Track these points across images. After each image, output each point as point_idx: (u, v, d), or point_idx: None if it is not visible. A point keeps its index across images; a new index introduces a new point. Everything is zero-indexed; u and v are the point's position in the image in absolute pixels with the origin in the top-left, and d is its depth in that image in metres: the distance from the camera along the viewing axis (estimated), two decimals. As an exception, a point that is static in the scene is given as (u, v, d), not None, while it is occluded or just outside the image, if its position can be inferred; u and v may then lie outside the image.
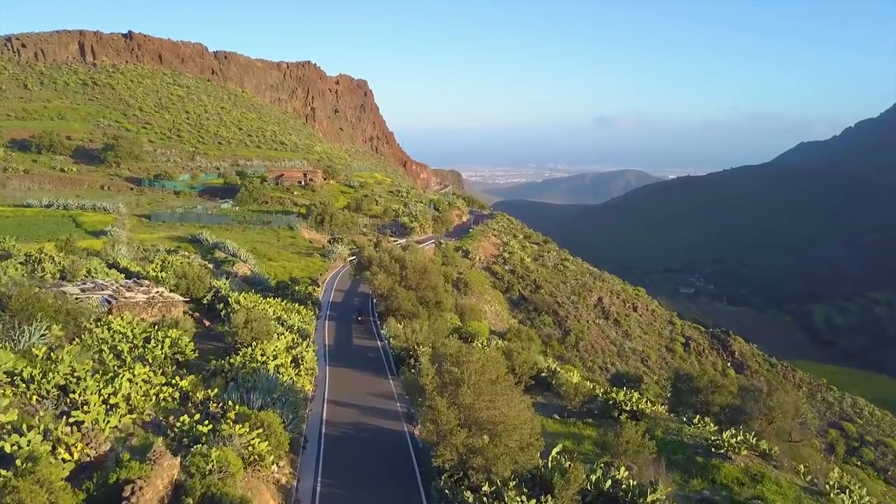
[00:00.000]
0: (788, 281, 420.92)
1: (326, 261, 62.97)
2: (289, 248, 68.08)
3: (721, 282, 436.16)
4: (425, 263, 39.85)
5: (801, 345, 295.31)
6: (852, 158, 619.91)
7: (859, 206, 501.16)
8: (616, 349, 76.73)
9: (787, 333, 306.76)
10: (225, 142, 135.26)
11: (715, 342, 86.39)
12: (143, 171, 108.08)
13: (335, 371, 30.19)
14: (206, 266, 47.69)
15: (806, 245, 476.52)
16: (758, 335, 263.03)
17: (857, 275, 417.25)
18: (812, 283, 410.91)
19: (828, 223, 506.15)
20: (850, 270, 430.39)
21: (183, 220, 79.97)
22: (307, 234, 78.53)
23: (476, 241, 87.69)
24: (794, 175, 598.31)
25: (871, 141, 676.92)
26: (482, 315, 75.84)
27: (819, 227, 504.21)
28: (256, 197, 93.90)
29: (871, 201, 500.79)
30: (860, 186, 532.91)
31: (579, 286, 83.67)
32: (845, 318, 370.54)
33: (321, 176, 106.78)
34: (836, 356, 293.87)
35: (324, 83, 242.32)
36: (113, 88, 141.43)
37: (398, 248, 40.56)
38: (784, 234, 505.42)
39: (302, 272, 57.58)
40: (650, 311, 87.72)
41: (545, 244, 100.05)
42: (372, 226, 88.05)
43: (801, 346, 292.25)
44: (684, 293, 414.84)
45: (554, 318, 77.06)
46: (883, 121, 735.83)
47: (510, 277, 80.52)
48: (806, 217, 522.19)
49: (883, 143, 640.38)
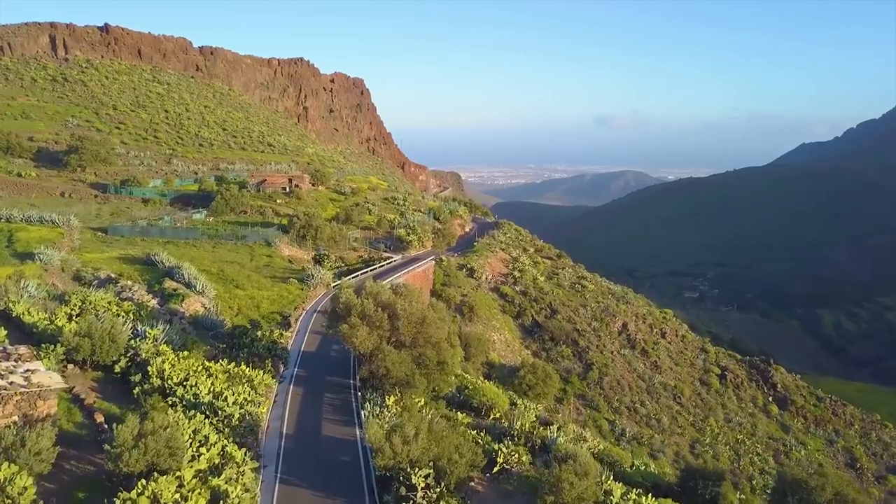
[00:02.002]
0: (794, 285, 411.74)
1: (305, 287, 52.39)
2: (262, 271, 57.47)
3: (726, 286, 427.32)
4: (423, 311, 29.27)
5: (815, 354, 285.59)
6: (856, 159, 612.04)
7: (864, 207, 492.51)
8: (645, 385, 66.28)
9: (799, 342, 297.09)
10: (206, 143, 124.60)
11: (753, 372, 75.95)
12: (111, 176, 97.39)
13: (287, 497, 19.83)
14: (142, 306, 37.05)
15: (811, 247, 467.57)
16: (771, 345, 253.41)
17: (865, 278, 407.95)
18: (819, 287, 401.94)
19: (833, 225, 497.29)
20: (857, 274, 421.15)
21: (144, 234, 69.39)
22: (287, 251, 67.97)
23: (482, 256, 77.19)
24: (797, 176, 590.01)
25: (874, 142, 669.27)
26: (490, 346, 65.38)
27: (824, 228, 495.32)
28: (234, 206, 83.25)
29: (876, 203, 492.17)
30: (865, 188, 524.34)
31: (601, 310, 73.13)
32: (855, 323, 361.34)
33: (308, 182, 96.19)
34: (848, 365, 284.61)
35: (317, 81, 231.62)
36: (85, 85, 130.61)
37: (386, 291, 29.94)
38: (788, 236, 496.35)
39: (272, 305, 47.00)
40: (680, 336, 77.24)
41: (559, 259, 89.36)
42: (364, 239, 77.49)
43: (815, 355, 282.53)
44: (688, 298, 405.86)
45: (573, 348, 66.61)
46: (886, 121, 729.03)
47: (522, 300, 70.06)
48: (810, 219, 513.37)
49: (887, 144, 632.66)
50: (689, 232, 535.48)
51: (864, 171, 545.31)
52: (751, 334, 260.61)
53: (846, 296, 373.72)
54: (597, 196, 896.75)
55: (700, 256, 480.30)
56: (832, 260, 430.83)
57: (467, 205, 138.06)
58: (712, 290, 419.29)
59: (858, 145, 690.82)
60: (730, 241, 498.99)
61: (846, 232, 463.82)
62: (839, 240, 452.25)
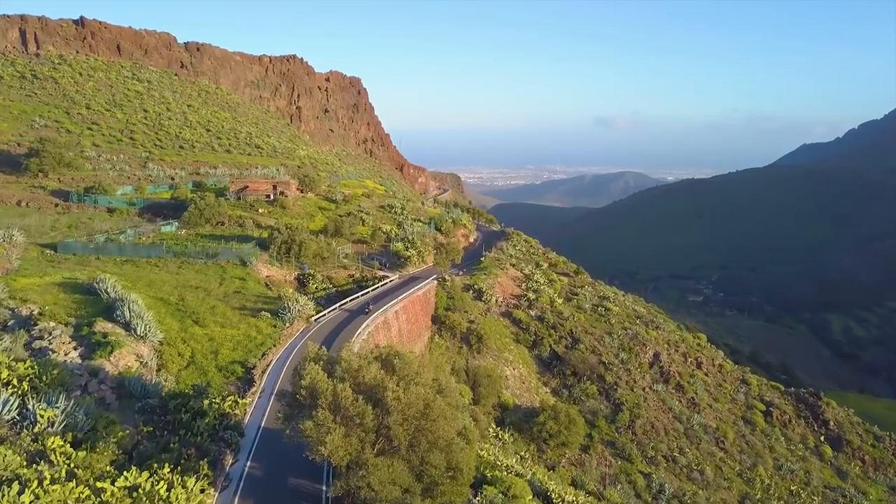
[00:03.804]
0: (800, 288, 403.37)
1: (279, 323, 42.84)
2: (232, 299, 47.87)
3: (730, 289, 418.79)
4: (426, 397, 19.74)
5: (827, 363, 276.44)
6: (859, 160, 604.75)
7: (869, 209, 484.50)
8: (683, 427, 56.75)
9: (811, 349, 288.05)
10: (188, 145, 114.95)
11: (801, 407, 66.42)
12: (77, 182, 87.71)
13: None
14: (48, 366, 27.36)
15: (816, 250, 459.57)
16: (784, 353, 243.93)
17: (872, 282, 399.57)
18: (825, 291, 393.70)
19: (837, 227, 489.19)
20: (865, 277, 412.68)
21: (100, 251, 59.79)
22: (266, 271, 58.38)
23: (491, 275, 67.59)
24: (799, 177, 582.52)
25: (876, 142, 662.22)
26: (503, 383, 55.84)
27: (828, 230, 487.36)
28: (209, 216, 73.60)
29: (881, 205, 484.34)
30: (869, 189, 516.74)
31: (629, 338, 63.54)
32: (865, 329, 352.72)
33: (295, 188, 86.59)
34: (861, 372, 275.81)
35: (312, 80, 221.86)
36: (56, 82, 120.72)
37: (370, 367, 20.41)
38: (792, 238, 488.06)
39: (234, 351, 37.44)
40: (717, 366, 67.66)
41: (576, 275, 79.53)
42: (355, 255, 67.89)
43: (828, 364, 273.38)
44: (692, 301, 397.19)
45: (599, 385, 57.09)
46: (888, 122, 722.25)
47: (538, 327, 60.49)
48: (814, 220, 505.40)
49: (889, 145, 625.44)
50: (692, 234, 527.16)
51: (868, 171, 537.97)
52: (763, 343, 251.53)
53: (854, 300, 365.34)
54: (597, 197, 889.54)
55: (703, 259, 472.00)
56: (838, 263, 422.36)
57: (470, 210, 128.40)
58: (716, 293, 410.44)
59: (860, 146, 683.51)
60: (733, 243, 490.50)
61: (851, 234, 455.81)
62: (844, 242, 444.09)
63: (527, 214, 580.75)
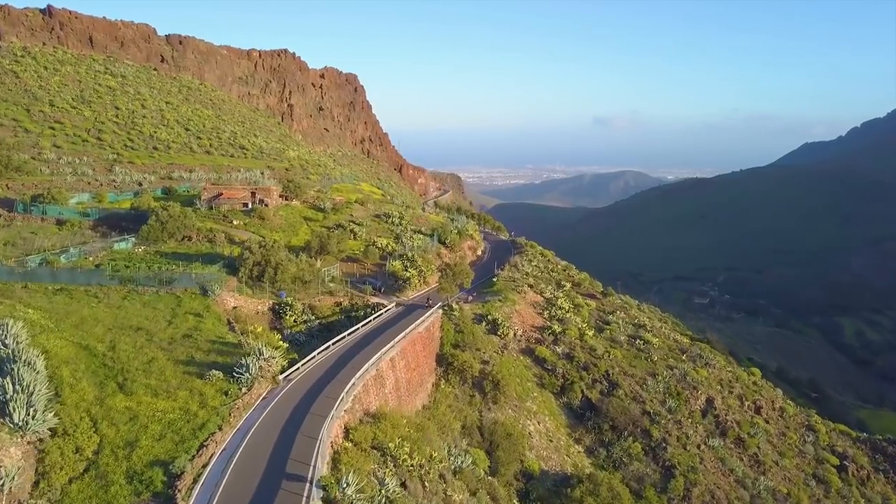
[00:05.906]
0: (810, 291, 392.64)
1: (233, 388, 31.72)
2: (179, 347, 36.76)
3: (736, 291, 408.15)
4: None
5: (844, 370, 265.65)
6: (864, 159, 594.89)
7: (877, 209, 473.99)
8: (748, 495, 45.68)
9: (828, 357, 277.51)
10: (163, 146, 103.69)
11: (878, 458, 55.44)
12: (26, 189, 76.50)
13: None
14: None
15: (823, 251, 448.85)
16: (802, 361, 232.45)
17: (883, 284, 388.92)
18: (835, 294, 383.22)
19: (844, 227, 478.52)
20: (875, 280, 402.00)
21: (30, 278, 48.65)
22: (232, 302, 47.27)
23: (507, 301, 56.41)
24: (803, 176, 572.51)
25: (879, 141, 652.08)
26: (526, 442, 44.72)
27: (835, 231, 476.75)
28: (173, 230, 62.41)
29: (889, 204, 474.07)
30: (876, 189, 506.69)
31: (676, 380, 52.46)
32: (878, 333, 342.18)
33: (277, 195, 75.40)
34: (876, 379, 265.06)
35: (305, 76, 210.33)
36: (18, 77, 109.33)
37: None
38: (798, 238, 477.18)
39: (159, 442, 26.23)
40: (778, 409, 56.67)
41: (605, 297, 68.02)
42: (343, 278, 56.73)
43: (844, 371, 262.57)
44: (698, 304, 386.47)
45: (644, 441, 46.06)
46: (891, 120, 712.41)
47: (566, 368, 49.41)
48: (820, 221, 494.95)
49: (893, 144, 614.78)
50: (696, 234, 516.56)
51: (874, 171, 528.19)
52: (778, 349, 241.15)
53: (865, 303, 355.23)
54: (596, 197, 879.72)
55: (708, 260, 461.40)
56: (847, 265, 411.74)
57: (475, 216, 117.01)
58: (722, 295, 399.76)
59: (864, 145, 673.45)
60: (738, 244, 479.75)
61: (859, 235, 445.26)
62: (853, 244, 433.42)
63: (527, 214, 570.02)
